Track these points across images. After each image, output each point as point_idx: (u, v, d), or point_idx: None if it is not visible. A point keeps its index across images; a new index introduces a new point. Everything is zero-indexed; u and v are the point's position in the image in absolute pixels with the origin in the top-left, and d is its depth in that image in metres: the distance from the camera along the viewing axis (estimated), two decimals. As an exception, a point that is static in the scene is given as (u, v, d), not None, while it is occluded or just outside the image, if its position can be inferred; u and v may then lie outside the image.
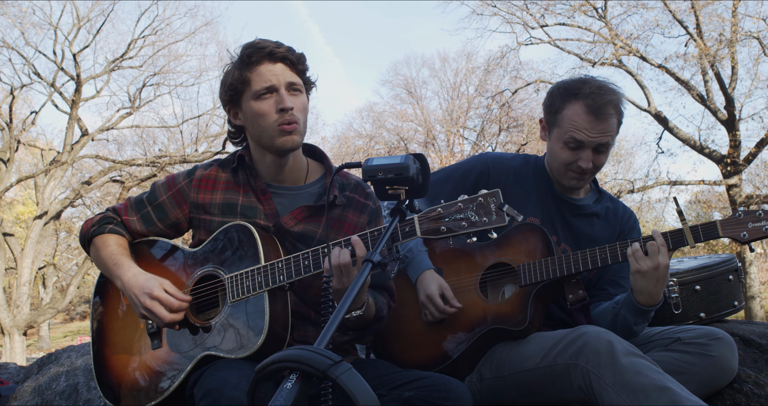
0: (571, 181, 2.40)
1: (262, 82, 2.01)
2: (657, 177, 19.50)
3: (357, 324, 2.00)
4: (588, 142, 2.30)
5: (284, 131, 2.02)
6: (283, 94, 2.02)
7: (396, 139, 25.45)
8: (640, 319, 2.20)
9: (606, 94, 2.29)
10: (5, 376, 3.87)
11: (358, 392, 1.13)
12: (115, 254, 2.12)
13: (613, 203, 2.57)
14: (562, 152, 2.36)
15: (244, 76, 2.03)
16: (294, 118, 2.02)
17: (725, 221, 2.08)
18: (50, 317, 20.18)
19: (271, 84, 2.01)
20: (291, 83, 2.04)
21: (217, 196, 2.16)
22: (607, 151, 2.36)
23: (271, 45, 2.03)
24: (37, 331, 30.05)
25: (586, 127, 2.28)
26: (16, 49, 18.62)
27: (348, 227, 2.14)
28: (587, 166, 2.32)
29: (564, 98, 2.35)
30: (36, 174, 19.32)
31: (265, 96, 2.02)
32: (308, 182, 2.19)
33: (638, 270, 2.10)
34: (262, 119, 2.03)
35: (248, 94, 2.04)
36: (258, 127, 2.06)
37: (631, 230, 2.52)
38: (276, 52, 2.02)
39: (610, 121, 2.29)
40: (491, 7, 19.74)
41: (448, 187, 2.47)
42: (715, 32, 16.95)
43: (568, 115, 2.32)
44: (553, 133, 2.40)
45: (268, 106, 2.02)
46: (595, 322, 2.30)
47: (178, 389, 1.96)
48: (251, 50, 2.02)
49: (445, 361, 2.32)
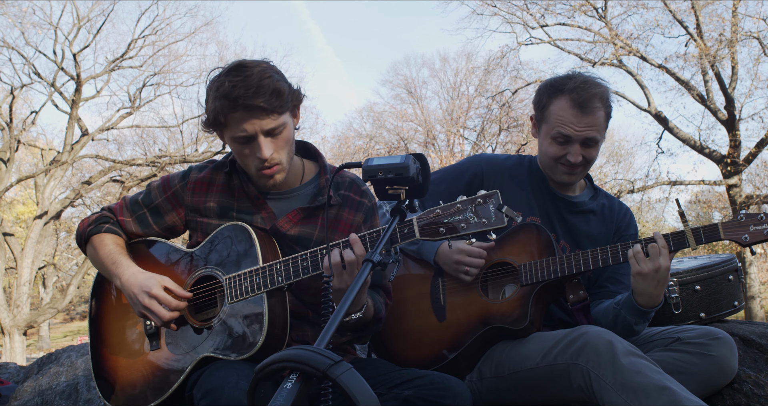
0: (563, 176, 2.40)
1: (239, 131, 1.95)
2: (657, 177, 19.51)
3: (356, 326, 2.00)
4: (575, 136, 2.31)
5: (265, 175, 2.02)
6: (261, 142, 1.95)
7: (396, 139, 25.45)
8: (641, 319, 2.20)
9: (591, 88, 2.30)
10: (5, 376, 3.87)
11: (358, 392, 1.13)
12: (113, 253, 2.11)
13: (608, 199, 2.58)
14: (550, 147, 2.37)
15: (219, 120, 1.96)
16: (273, 161, 1.99)
17: (727, 223, 2.08)
18: (50, 317, 20.18)
19: (247, 133, 1.95)
20: (268, 130, 1.95)
21: (212, 200, 2.15)
22: (597, 145, 2.37)
23: (241, 95, 1.89)
24: (37, 331, 30.05)
25: (572, 122, 2.30)
26: (16, 49, 18.63)
27: (344, 226, 2.14)
28: (576, 160, 2.33)
29: (550, 94, 2.37)
30: (36, 174, 19.32)
31: (243, 140, 1.97)
32: (303, 183, 2.18)
33: (639, 272, 2.10)
34: (242, 160, 2.04)
35: (228, 133, 1.99)
36: (241, 163, 2.07)
37: (627, 226, 2.53)
38: (249, 104, 1.90)
39: (596, 114, 2.30)
40: (491, 7, 19.75)
41: (442, 188, 2.48)
42: (715, 32, 16.96)
43: (554, 110, 2.34)
44: (542, 129, 2.42)
45: (248, 150, 1.99)
46: (596, 321, 2.31)
47: (178, 390, 1.96)
48: (224, 102, 1.91)
49: (444, 359, 2.32)
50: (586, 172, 2.47)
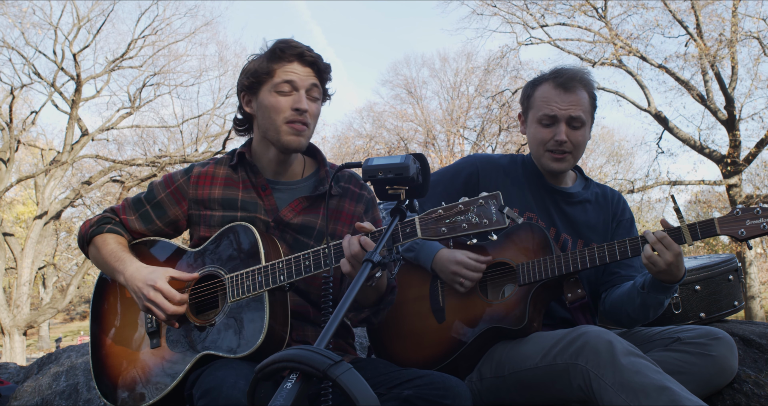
0: (552, 163, 2.43)
1: (286, 77, 2.06)
2: (657, 177, 19.51)
3: (371, 298, 2.01)
4: (560, 114, 2.37)
5: (293, 130, 2.07)
6: (302, 94, 2.06)
7: (396, 139, 25.46)
8: (670, 293, 2.25)
9: (570, 70, 2.43)
10: (5, 376, 3.87)
11: (358, 392, 1.13)
12: (116, 251, 2.13)
13: (600, 188, 2.62)
14: (538, 132, 2.43)
15: (271, 67, 2.07)
16: (306, 119, 2.07)
17: (723, 218, 2.08)
18: (50, 317, 20.19)
19: (294, 81, 2.06)
20: (313, 85, 2.09)
21: (216, 192, 2.17)
22: (582, 128, 2.41)
23: (303, 47, 2.08)
24: (37, 331, 30.06)
25: (556, 101, 2.38)
26: (16, 49, 18.64)
27: (345, 217, 2.17)
28: (562, 138, 2.37)
29: (533, 85, 2.50)
30: (36, 174, 19.32)
31: (284, 91, 2.07)
32: (304, 177, 2.23)
33: (657, 272, 2.13)
34: (275, 113, 2.07)
35: (268, 86, 2.08)
36: (268, 120, 2.09)
37: (623, 212, 2.57)
38: (307, 55, 2.07)
39: (578, 92, 2.39)
40: (491, 7, 19.76)
41: (438, 189, 2.49)
42: (715, 32, 16.97)
43: (538, 95, 2.44)
44: (528, 117, 2.49)
45: (285, 101, 2.06)
46: (620, 307, 2.33)
47: (177, 388, 1.96)
48: (284, 45, 2.07)
49: (444, 360, 2.32)
50: (575, 161, 2.49)
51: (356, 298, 1.36)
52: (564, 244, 2.46)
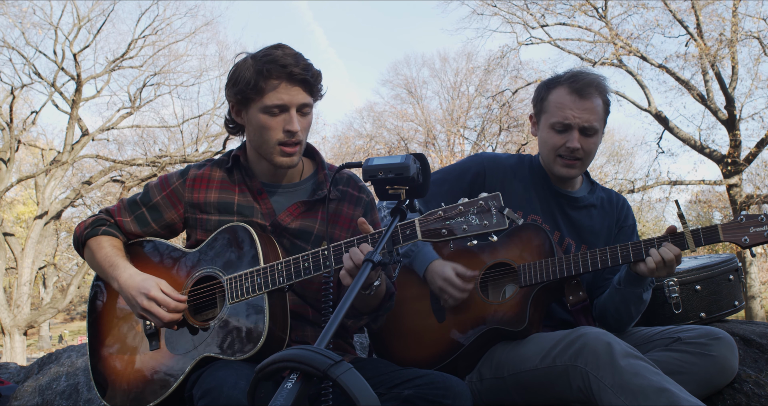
0: (563, 169, 2.41)
1: (276, 99, 1.97)
2: (657, 177, 19.49)
3: (370, 304, 2.00)
4: (574, 122, 2.34)
5: (285, 152, 2.03)
6: (293, 115, 2.00)
7: (396, 139, 25.45)
8: (644, 285, 2.27)
9: (587, 76, 2.38)
10: (5, 376, 3.87)
11: (358, 391, 1.13)
12: (111, 256, 2.10)
13: (605, 192, 2.61)
14: (550, 138, 2.40)
15: (259, 86, 1.97)
16: (298, 139, 2.03)
17: (727, 225, 2.08)
18: (50, 317, 20.18)
19: (283, 103, 1.98)
20: (303, 105, 2.01)
21: (212, 195, 2.15)
22: (595, 136, 2.39)
23: (291, 64, 1.96)
24: (37, 331, 30.06)
25: (571, 107, 2.34)
26: (16, 49, 18.63)
27: (344, 221, 2.15)
28: (575, 146, 2.35)
29: (548, 87, 2.44)
30: (36, 174, 19.32)
31: (274, 112, 1.99)
32: (302, 179, 2.19)
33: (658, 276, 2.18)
34: (266, 133, 2.02)
35: (258, 105, 2.00)
36: (260, 139, 2.05)
37: (626, 217, 2.56)
38: (296, 73, 1.96)
39: (593, 100, 2.35)
40: (491, 7, 19.74)
41: (444, 188, 2.48)
42: (715, 32, 16.95)
43: (552, 99, 2.40)
44: (541, 121, 2.46)
45: (276, 123, 2.00)
46: (605, 307, 2.34)
47: (177, 390, 1.96)
48: (272, 66, 1.96)
49: (444, 360, 2.32)
50: (585, 168, 2.48)
51: (355, 305, 1.35)
52: (567, 248, 2.45)
